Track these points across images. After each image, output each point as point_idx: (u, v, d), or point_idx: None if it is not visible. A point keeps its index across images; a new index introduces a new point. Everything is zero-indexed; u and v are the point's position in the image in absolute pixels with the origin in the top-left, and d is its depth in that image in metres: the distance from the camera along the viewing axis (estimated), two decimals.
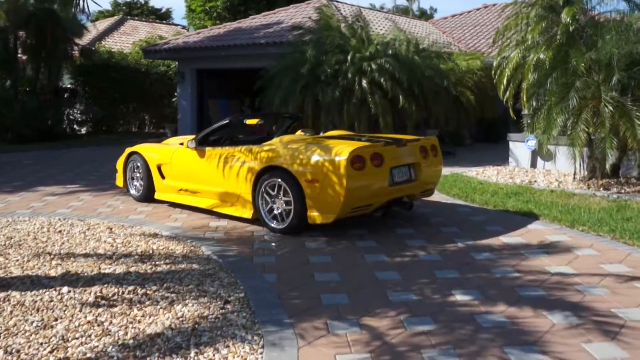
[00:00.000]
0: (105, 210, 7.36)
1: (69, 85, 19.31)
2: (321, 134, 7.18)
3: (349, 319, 3.83)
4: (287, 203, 5.95)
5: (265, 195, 6.12)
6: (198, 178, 6.94)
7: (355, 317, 3.85)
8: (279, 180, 5.95)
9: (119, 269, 4.89)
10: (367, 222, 6.45)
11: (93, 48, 19.78)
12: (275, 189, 6.02)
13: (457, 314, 3.91)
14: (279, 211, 6.05)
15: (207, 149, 6.85)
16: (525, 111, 10.95)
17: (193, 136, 7.39)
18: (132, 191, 7.97)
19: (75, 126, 18.36)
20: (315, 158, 5.73)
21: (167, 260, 5.11)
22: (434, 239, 5.86)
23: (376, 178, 5.79)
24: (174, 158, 7.27)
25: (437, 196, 7.94)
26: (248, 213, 6.36)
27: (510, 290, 4.36)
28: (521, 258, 5.18)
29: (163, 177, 7.50)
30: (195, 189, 7.01)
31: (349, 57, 11.44)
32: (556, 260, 5.11)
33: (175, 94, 18.48)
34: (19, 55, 17.12)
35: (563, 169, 10.17)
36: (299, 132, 7.75)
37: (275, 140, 6.50)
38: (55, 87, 17.57)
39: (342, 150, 5.63)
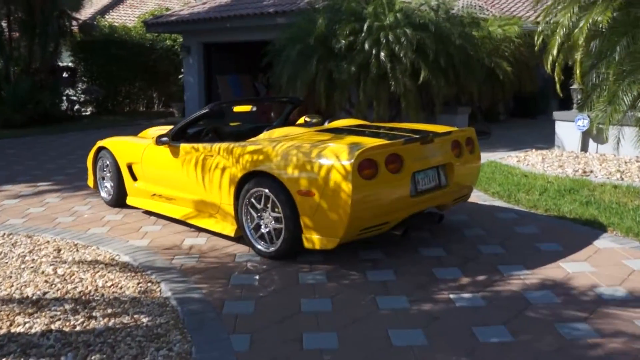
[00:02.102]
0: (66, 220, 6.05)
1: (69, 64, 18.04)
2: (325, 125, 5.72)
3: None
4: (277, 220, 4.54)
5: (250, 208, 4.73)
6: (172, 182, 5.57)
7: None
8: (266, 190, 4.53)
9: (39, 323, 3.56)
10: (384, 239, 5.00)
11: (94, 23, 18.43)
12: (262, 201, 4.62)
13: None
14: (267, 230, 4.65)
15: (182, 145, 5.45)
16: (575, 86, 9.30)
17: (170, 127, 6.00)
18: (103, 194, 6.64)
19: (77, 107, 17.10)
20: (310, 161, 4.28)
21: (109, 310, 3.76)
22: (471, 266, 4.40)
23: (394, 187, 4.32)
24: (145, 156, 5.90)
25: (473, 194, 6.43)
26: (230, 229, 4.98)
27: None
28: (596, 303, 3.69)
29: (135, 178, 6.15)
30: (170, 195, 5.65)
31: (364, 27, 9.81)
32: None
33: (182, 70, 17.08)
34: (10, 33, 15.81)
35: (623, 155, 8.55)
36: (303, 120, 6.34)
37: (263, 136, 5.05)
38: (52, 66, 16.29)
39: (347, 151, 4.17)
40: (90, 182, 6.84)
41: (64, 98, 16.34)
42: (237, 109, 6.03)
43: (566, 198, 6.23)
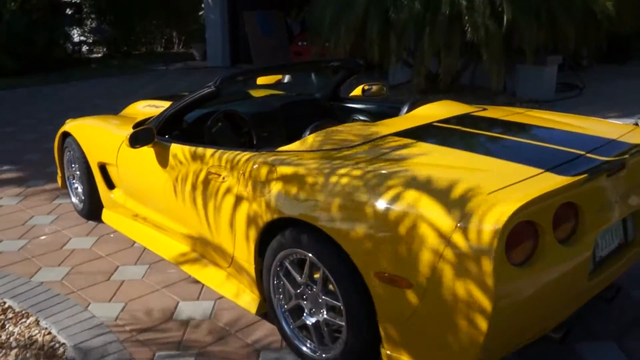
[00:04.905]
0: (13, 246, 4.09)
1: None
2: (403, 113, 3.51)
3: None
4: (332, 310, 2.50)
5: (283, 277, 2.68)
6: (159, 202, 3.53)
7: None
8: (310, 254, 2.46)
9: None
10: None
11: None
12: (305, 271, 2.56)
13: None
14: (315, 320, 2.61)
15: (173, 145, 3.38)
16: None
17: (166, 104, 3.89)
18: (74, 199, 4.67)
19: (85, 49, 15.03)
20: (400, 214, 2.16)
21: None
22: None
23: (564, 268, 2.19)
24: (121, 156, 3.85)
25: None
26: (249, 301, 2.95)
27: None
28: None
29: (111, 186, 4.13)
30: (158, 222, 3.63)
31: None
32: None
33: (202, 5, 14.81)
34: None
35: None
36: (360, 89, 4.28)
37: (300, 143, 2.89)
38: (52, 2, 14.11)
39: (480, 203, 2.03)
40: (60, 180, 4.86)
41: (67, 39, 14.23)
42: (262, 80, 3.89)
43: None
